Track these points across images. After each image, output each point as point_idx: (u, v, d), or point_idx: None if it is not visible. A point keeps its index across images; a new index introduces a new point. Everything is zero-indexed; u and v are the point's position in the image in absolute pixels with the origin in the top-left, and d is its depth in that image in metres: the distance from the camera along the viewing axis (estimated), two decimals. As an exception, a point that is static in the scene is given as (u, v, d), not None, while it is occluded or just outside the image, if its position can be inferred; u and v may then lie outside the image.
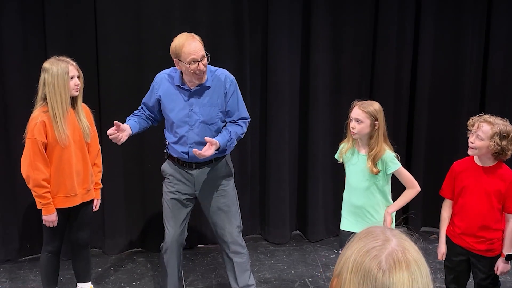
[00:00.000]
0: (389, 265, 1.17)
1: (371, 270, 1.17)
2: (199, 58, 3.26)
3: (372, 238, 1.23)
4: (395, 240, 1.21)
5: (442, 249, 3.31)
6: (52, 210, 3.41)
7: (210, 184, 3.56)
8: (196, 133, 3.43)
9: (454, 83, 4.90)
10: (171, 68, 3.52)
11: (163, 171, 3.64)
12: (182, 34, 3.34)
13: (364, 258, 1.19)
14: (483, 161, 3.13)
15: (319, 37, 4.65)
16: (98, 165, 3.69)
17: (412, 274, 1.17)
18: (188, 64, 3.25)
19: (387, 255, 1.18)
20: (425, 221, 5.09)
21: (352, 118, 3.26)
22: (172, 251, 3.63)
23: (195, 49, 3.26)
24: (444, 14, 4.79)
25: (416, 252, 1.22)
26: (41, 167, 3.34)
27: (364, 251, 1.20)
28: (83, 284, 3.79)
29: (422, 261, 1.21)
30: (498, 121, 3.03)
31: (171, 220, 3.60)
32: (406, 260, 1.18)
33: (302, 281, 4.27)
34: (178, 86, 3.43)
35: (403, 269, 1.16)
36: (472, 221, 3.15)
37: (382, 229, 1.26)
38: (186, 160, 3.51)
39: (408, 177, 3.33)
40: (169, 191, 3.60)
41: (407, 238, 1.25)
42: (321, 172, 4.84)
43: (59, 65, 3.35)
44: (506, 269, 3.15)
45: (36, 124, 3.31)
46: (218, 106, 3.45)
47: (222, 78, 3.46)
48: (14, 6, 4.14)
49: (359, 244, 1.23)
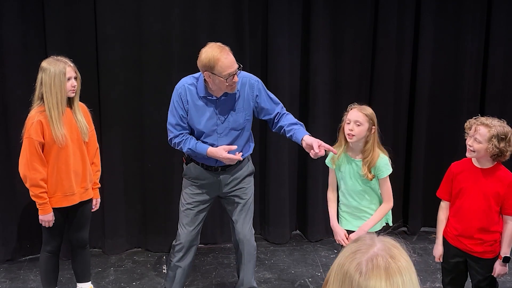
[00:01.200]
0: (368, 268, 1.18)
1: (350, 271, 1.19)
2: (235, 71, 3.23)
3: (359, 244, 1.25)
4: (380, 245, 1.22)
5: (439, 250, 3.30)
6: (48, 210, 3.41)
7: (234, 183, 3.59)
8: (225, 140, 3.44)
9: (454, 83, 4.90)
10: (189, 77, 3.44)
11: (186, 174, 3.61)
12: (213, 46, 3.24)
13: (346, 261, 1.22)
14: (481, 163, 3.11)
15: (319, 37, 4.65)
16: (97, 164, 3.69)
17: (392, 283, 1.17)
18: (225, 79, 3.21)
19: (367, 259, 1.20)
20: (425, 221, 5.08)
21: (350, 120, 3.24)
22: (187, 250, 3.64)
23: (231, 63, 3.20)
24: (444, 14, 4.79)
25: (404, 261, 1.22)
26: (38, 167, 3.34)
27: (347, 255, 1.23)
28: (83, 284, 3.79)
29: (410, 270, 1.21)
30: (495, 123, 3.00)
31: (190, 220, 3.59)
32: (388, 268, 1.18)
33: (302, 281, 4.27)
34: (204, 97, 3.37)
35: (382, 278, 1.17)
36: (469, 223, 3.13)
37: (372, 236, 1.27)
38: (211, 164, 3.50)
39: (389, 189, 3.33)
40: (193, 193, 3.58)
41: (398, 246, 1.25)
42: (321, 172, 4.83)
43: (57, 65, 3.34)
44: (504, 271, 3.14)
45: (33, 123, 3.31)
46: (245, 110, 3.44)
47: (247, 82, 3.44)
48: (14, 6, 4.14)
49: (346, 251, 1.25)
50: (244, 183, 3.63)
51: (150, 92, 4.45)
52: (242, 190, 3.63)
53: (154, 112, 4.45)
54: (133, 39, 4.38)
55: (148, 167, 4.57)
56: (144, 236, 4.72)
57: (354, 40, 4.75)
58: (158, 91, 4.42)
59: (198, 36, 4.40)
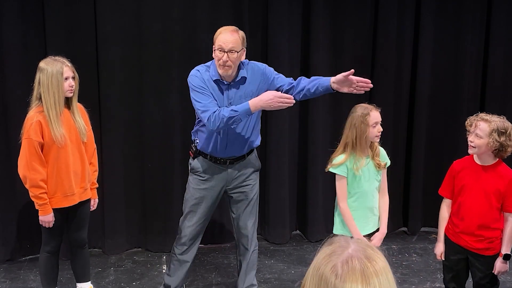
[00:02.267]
0: (343, 270, 1.17)
1: (325, 274, 1.18)
2: (226, 48, 3.28)
3: (333, 246, 1.24)
4: (354, 247, 1.22)
5: (441, 248, 3.31)
6: (48, 210, 3.41)
7: (241, 177, 3.61)
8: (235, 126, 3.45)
9: (454, 83, 4.90)
10: (200, 66, 3.48)
11: (193, 168, 3.62)
12: (229, 26, 3.38)
13: (321, 264, 1.21)
14: (483, 159, 3.14)
15: (319, 37, 4.65)
16: (94, 164, 3.69)
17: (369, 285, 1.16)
18: (217, 50, 3.29)
19: (342, 261, 1.19)
20: (425, 221, 5.08)
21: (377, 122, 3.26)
22: (191, 244, 3.66)
23: (226, 39, 3.28)
24: (444, 14, 4.79)
25: (380, 261, 1.21)
26: (37, 168, 3.34)
27: (322, 257, 1.22)
28: (83, 284, 3.79)
29: (386, 270, 1.20)
30: (494, 118, 3.06)
31: (196, 215, 3.62)
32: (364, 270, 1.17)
33: (302, 281, 4.26)
34: (216, 81, 3.41)
35: (358, 281, 1.16)
36: (471, 220, 3.15)
37: (346, 237, 1.27)
38: (219, 155, 3.52)
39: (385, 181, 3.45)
40: (201, 188, 3.60)
41: (372, 247, 1.24)
42: (321, 172, 4.81)
43: (54, 65, 3.34)
44: (504, 269, 3.16)
45: (32, 124, 3.31)
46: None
47: (258, 68, 3.50)
48: (14, 6, 4.14)
49: (321, 253, 1.25)
50: (251, 180, 3.65)
51: (150, 92, 4.45)
52: (249, 187, 3.65)
53: (154, 112, 4.45)
54: (133, 39, 4.38)
55: (148, 167, 4.57)
56: (144, 236, 4.72)
57: (354, 40, 4.75)
58: (158, 91, 4.42)
59: (198, 36, 4.40)
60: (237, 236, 3.74)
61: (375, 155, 3.33)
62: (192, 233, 3.64)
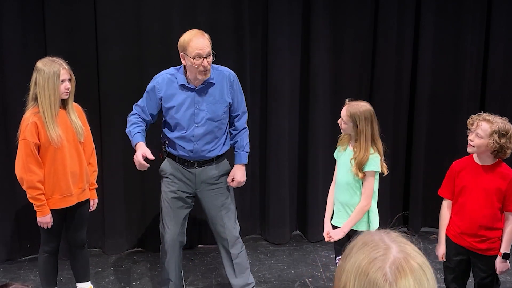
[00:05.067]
0: (394, 275, 1.15)
1: (376, 282, 1.15)
2: (204, 54, 3.30)
3: (372, 248, 1.20)
4: (395, 247, 1.20)
5: (442, 249, 3.30)
6: (46, 211, 3.40)
7: (210, 182, 3.58)
8: (202, 130, 3.47)
9: (454, 83, 4.90)
10: (171, 68, 3.52)
11: (162, 170, 3.65)
12: (192, 30, 3.40)
13: (368, 270, 1.17)
14: (482, 159, 3.13)
15: (319, 37, 4.65)
16: (93, 165, 3.68)
17: (417, 279, 1.15)
18: (193, 59, 3.29)
19: (391, 265, 1.16)
20: (425, 221, 5.08)
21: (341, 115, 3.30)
22: (173, 250, 3.64)
23: (202, 44, 3.30)
24: (444, 14, 4.79)
25: (419, 256, 1.20)
26: (34, 169, 3.34)
27: (366, 263, 1.18)
28: (83, 284, 3.79)
29: (427, 263, 1.20)
30: (497, 120, 3.05)
31: (172, 219, 3.61)
32: (410, 267, 1.16)
33: (302, 281, 4.27)
34: (182, 86, 3.43)
35: (408, 277, 1.15)
36: (472, 220, 3.15)
37: (380, 236, 1.23)
38: (188, 158, 3.52)
39: (370, 188, 3.24)
40: (170, 190, 3.60)
41: (408, 242, 1.23)
42: (321, 172, 4.83)
43: (52, 67, 3.33)
44: (506, 268, 3.15)
45: (28, 125, 3.30)
46: (223, 102, 3.49)
47: (226, 73, 3.51)
48: (13, 6, 4.14)
49: (360, 256, 1.20)
50: (221, 183, 3.62)
51: (150, 92, 4.45)
52: (221, 190, 3.61)
53: (154, 112, 4.44)
54: (133, 39, 4.38)
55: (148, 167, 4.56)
56: (144, 236, 4.71)
57: (354, 40, 4.75)
58: (158, 91, 4.42)
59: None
60: (218, 240, 3.68)
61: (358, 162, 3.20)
62: (171, 238, 3.61)
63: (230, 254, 3.64)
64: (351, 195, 3.29)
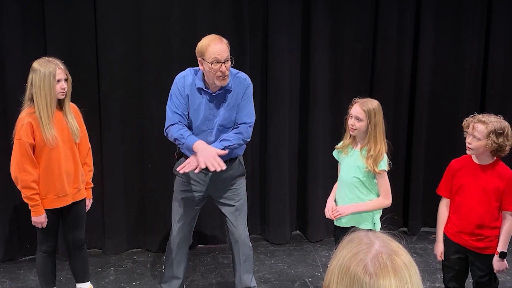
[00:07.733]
0: (375, 268, 1.15)
1: (357, 275, 1.16)
2: (222, 59, 3.27)
3: (356, 243, 1.21)
4: (378, 242, 1.20)
5: (440, 247, 3.31)
6: (40, 211, 3.40)
7: (224, 183, 3.59)
8: (213, 136, 3.45)
9: (454, 83, 4.90)
10: (187, 70, 3.49)
11: (176, 170, 3.63)
12: (211, 35, 3.37)
13: (349, 263, 1.18)
14: (481, 159, 3.14)
15: (319, 37, 4.65)
16: (89, 165, 3.68)
17: (401, 278, 1.15)
18: (210, 64, 3.26)
19: (372, 258, 1.17)
20: (425, 221, 5.09)
21: (352, 115, 3.27)
22: (179, 248, 3.66)
23: (220, 50, 3.27)
24: (444, 14, 4.79)
25: (405, 254, 1.20)
26: (29, 169, 3.34)
27: (349, 257, 1.19)
28: (82, 284, 3.78)
29: (412, 262, 1.19)
30: (491, 119, 3.05)
31: (181, 218, 3.61)
32: (394, 264, 1.16)
33: (302, 281, 4.27)
34: (200, 89, 3.41)
35: (390, 275, 1.15)
36: (470, 219, 3.16)
37: (365, 233, 1.25)
38: None
39: (386, 185, 3.27)
40: (182, 190, 3.60)
41: (394, 240, 1.23)
42: (321, 172, 4.84)
43: (47, 67, 3.32)
44: (503, 267, 3.16)
45: (23, 125, 3.31)
46: (236, 108, 3.46)
47: (243, 80, 3.48)
48: (13, 7, 4.14)
49: (344, 252, 1.21)
50: (236, 184, 3.62)
51: (150, 92, 4.45)
52: (234, 191, 3.62)
53: (154, 112, 4.45)
54: (133, 39, 4.38)
55: (148, 167, 4.57)
56: (144, 236, 4.72)
57: (354, 40, 4.75)
58: (158, 91, 4.42)
59: (198, 36, 4.38)
60: (229, 240, 3.71)
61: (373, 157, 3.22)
62: (179, 236, 3.63)
63: (239, 256, 3.66)
64: (355, 194, 3.31)
